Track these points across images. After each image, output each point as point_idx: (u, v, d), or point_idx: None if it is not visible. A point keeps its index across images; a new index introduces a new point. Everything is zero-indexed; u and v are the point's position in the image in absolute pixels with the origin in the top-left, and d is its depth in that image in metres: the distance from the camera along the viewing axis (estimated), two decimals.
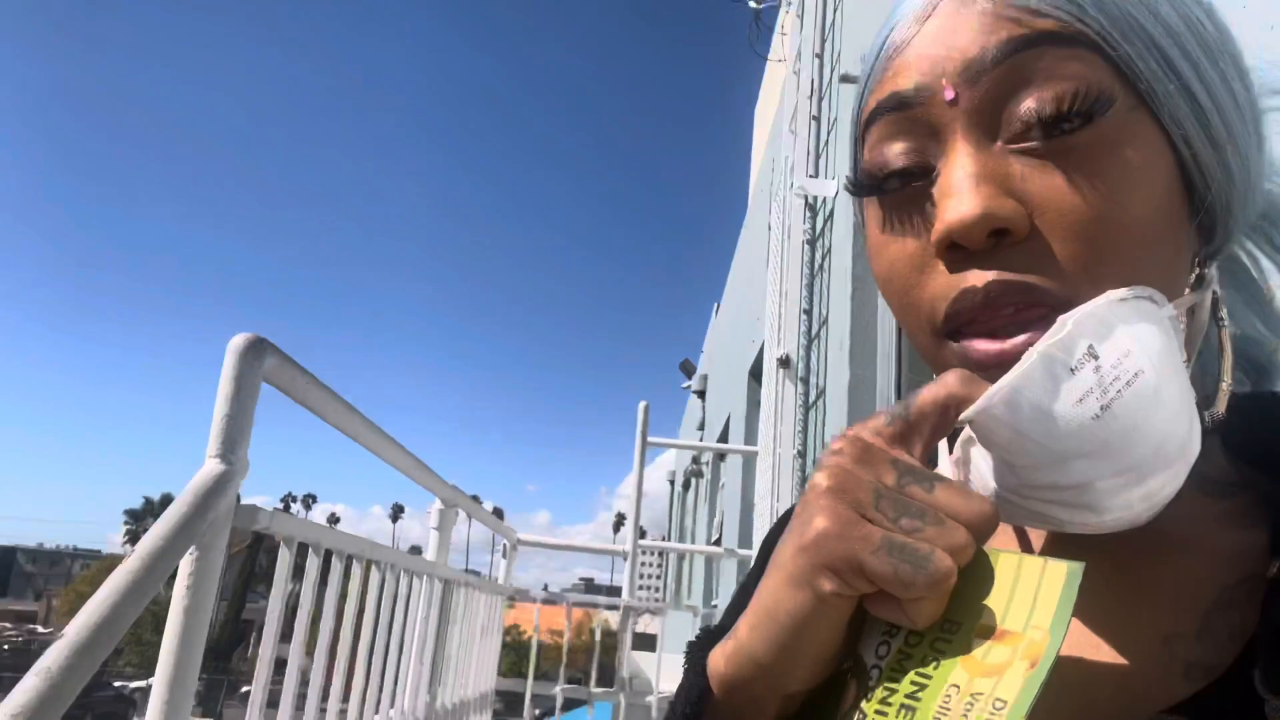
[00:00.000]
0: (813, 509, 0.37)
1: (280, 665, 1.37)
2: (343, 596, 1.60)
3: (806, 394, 3.91)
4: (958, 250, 0.41)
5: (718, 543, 8.09)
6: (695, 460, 11.10)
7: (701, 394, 10.98)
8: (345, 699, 1.68)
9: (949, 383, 0.39)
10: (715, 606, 7.23)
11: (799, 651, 0.38)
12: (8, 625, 46.16)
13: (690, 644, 0.48)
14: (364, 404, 1.54)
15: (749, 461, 6.69)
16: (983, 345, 0.40)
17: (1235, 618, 0.39)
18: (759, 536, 4.23)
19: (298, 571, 1.38)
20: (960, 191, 0.40)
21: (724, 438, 8.43)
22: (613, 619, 4.47)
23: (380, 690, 1.89)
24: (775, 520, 0.61)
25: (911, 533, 0.35)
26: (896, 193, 0.44)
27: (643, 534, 4.46)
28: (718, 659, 0.42)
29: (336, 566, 1.55)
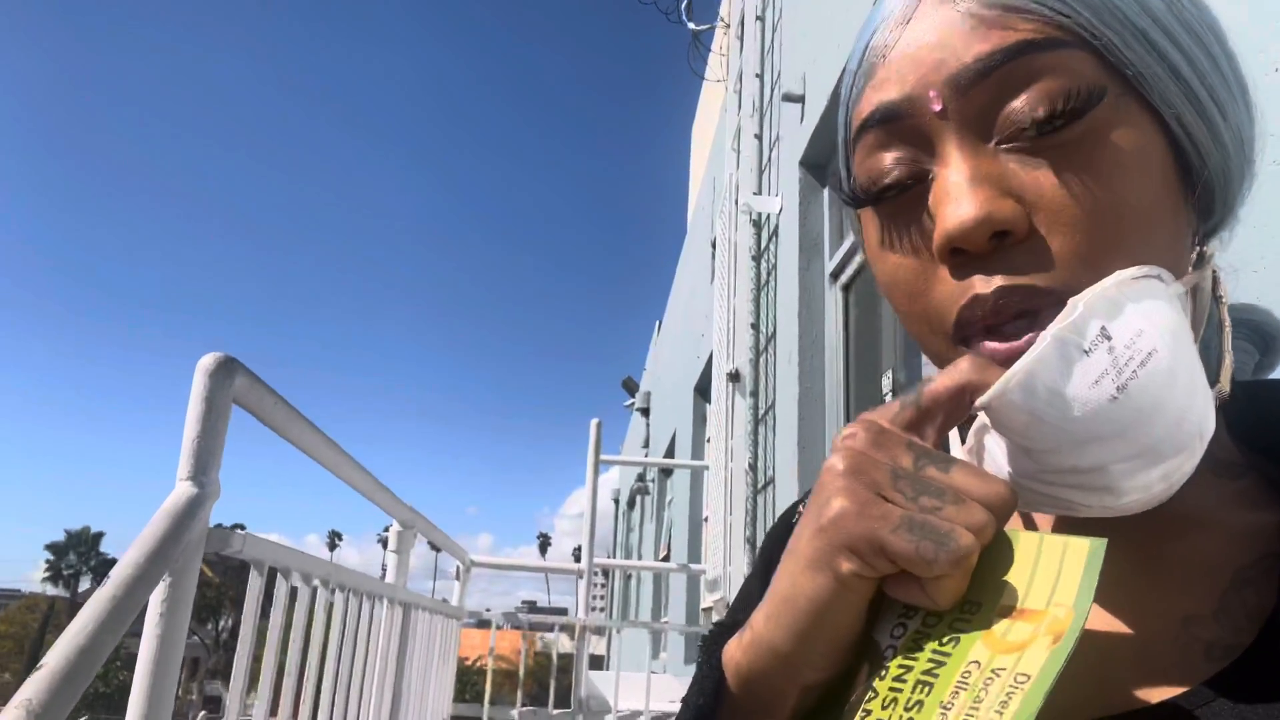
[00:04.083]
0: (829, 490, 0.37)
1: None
2: (310, 621, 1.56)
3: (756, 408, 3.94)
4: (960, 254, 0.40)
5: (666, 559, 8.09)
6: (640, 478, 11.09)
7: (645, 411, 11.00)
8: None
9: (963, 369, 0.38)
10: (667, 622, 7.22)
11: (818, 638, 0.37)
12: None
13: (704, 638, 0.48)
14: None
15: (696, 477, 6.72)
16: (994, 345, 0.40)
17: (1252, 597, 0.39)
18: (709, 551, 4.25)
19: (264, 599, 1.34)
20: (958, 196, 0.39)
21: (670, 454, 8.45)
22: (561, 640, 4.43)
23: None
24: (778, 518, 0.61)
25: (931, 511, 0.35)
26: (892, 201, 0.43)
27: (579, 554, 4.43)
28: (734, 651, 0.41)
29: (303, 591, 1.52)
